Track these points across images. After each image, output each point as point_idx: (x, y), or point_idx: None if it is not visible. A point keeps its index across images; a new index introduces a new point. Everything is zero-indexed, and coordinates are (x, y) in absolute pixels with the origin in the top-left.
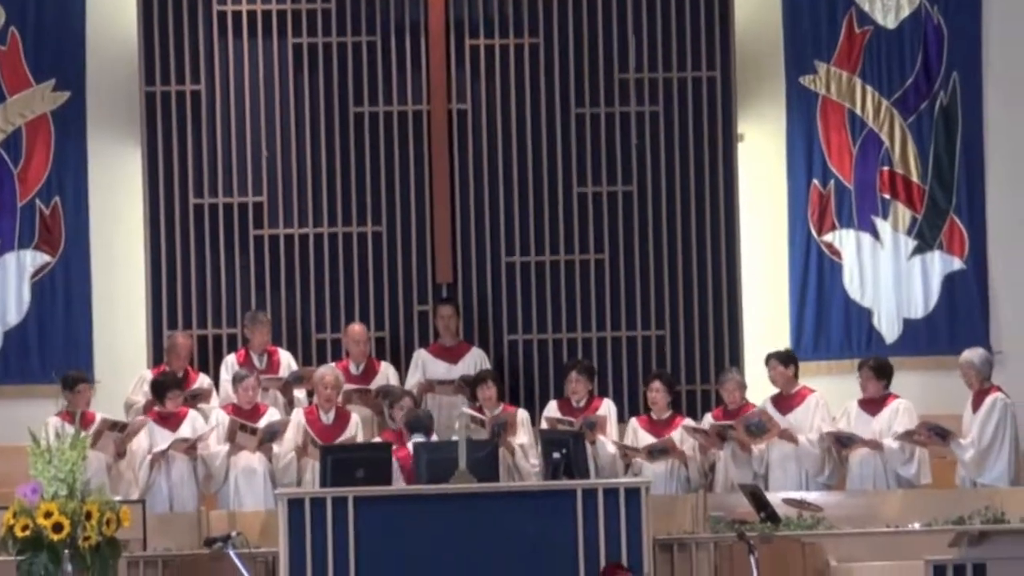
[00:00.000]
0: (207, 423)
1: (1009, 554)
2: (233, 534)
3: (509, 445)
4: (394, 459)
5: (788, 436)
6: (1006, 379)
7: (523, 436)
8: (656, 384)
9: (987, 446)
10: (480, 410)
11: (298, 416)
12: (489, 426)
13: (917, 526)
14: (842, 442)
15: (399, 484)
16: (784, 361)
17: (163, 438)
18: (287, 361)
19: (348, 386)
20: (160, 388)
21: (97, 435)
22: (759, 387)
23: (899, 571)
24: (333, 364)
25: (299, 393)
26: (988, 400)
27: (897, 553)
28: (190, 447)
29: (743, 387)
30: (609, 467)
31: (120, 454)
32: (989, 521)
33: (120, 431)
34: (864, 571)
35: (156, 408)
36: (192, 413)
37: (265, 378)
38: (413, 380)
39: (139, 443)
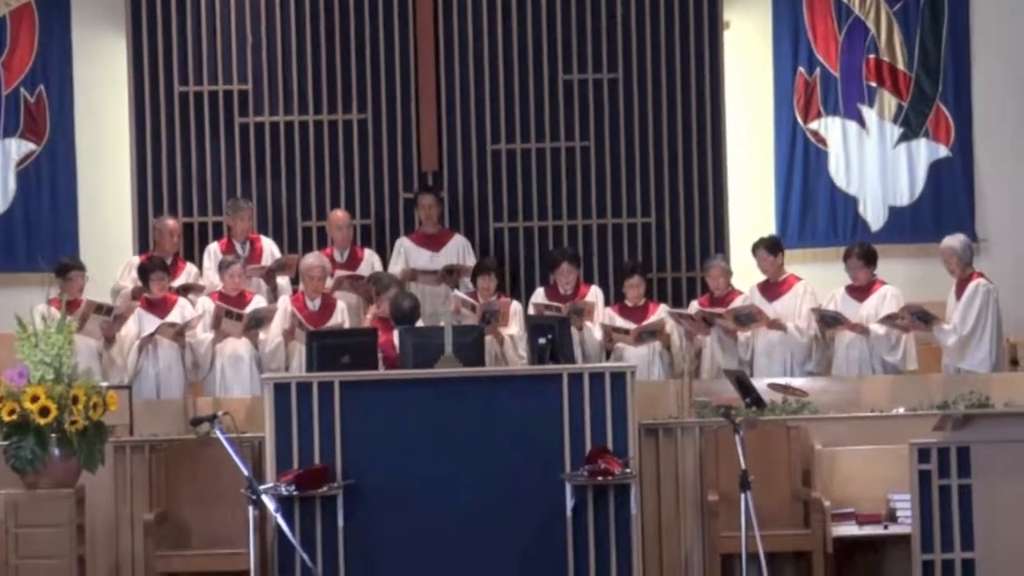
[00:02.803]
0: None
1: (992, 437)
2: (219, 414)
3: (498, 335)
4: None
5: (777, 325)
6: (990, 266)
7: (514, 327)
8: (634, 280)
9: (969, 332)
10: (474, 296)
11: (284, 303)
12: (479, 312)
13: (902, 411)
14: (827, 321)
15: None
16: (771, 249)
17: (151, 324)
18: (270, 249)
19: (340, 272)
20: (145, 270)
21: (83, 318)
22: (744, 274)
23: (884, 455)
24: (320, 253)
25: (282, 280)
26: (970, 286)
27: (882, 437)
28: (178, 333)
29: (728, 274)
30: (596, 353)
31: (110, 340)
32: (973, 406)
33: (106, 314)
34: (849, 455)
35: (144, 295)
36: (181, 300)
37: (249, 267)
38: (396, 268)
39: (128, 329)
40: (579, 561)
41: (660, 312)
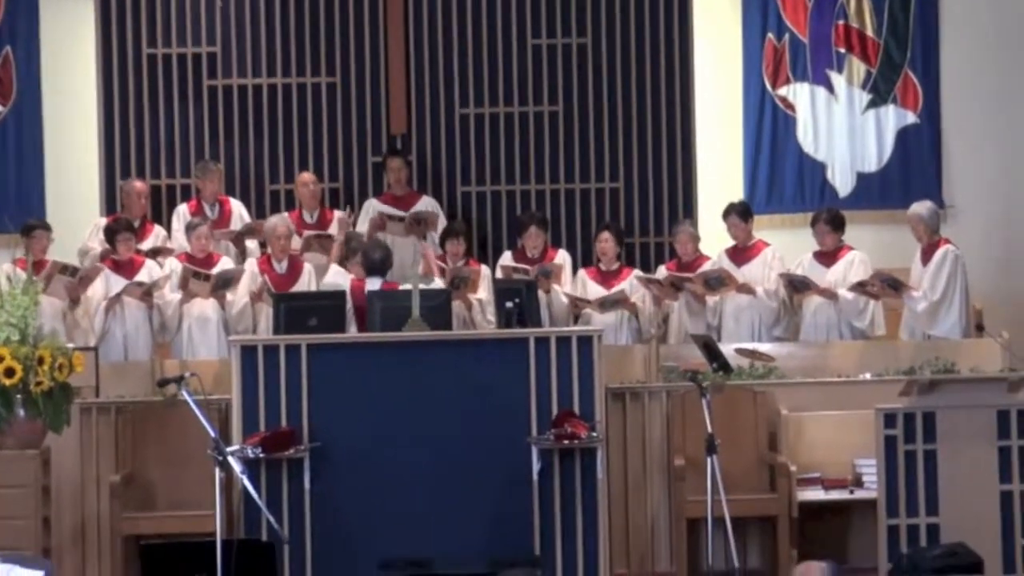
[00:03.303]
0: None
1: (958, 403)
2: (187, 375)
3: (467, 300)
4: (351, 302)
5: (746, 289)
6: (958, 233)
7: (483, 292)
8: (605, 235)
9: (939, 298)
10: (443, 260)
11: (252, 265)
12: (449, 278)
13: (868, 376)
14: (796, 286)
15: (352, 326)
16: (742, 215)
17: (118, 285)
18: (239, 211)
19: (308, 232)
20: (111, 233)
21: (48, 278)
22: (712, 240)
23: (850, 420)
24: (285, 214)
25: (251, 244)
26: (939, 252)
27: (848, 402)
28: (145, 293)
29: (696, 239)
30: (563, 317)
31: (75, 301)
32: (940, 371)
33: (71, 275)
34: (815, 420)
35: (111, 256)
36: (149, 262)
37: (217, 231)
38: (363, 228)
39: (95, 290)
40: (545, 524)
41: (630, 279)
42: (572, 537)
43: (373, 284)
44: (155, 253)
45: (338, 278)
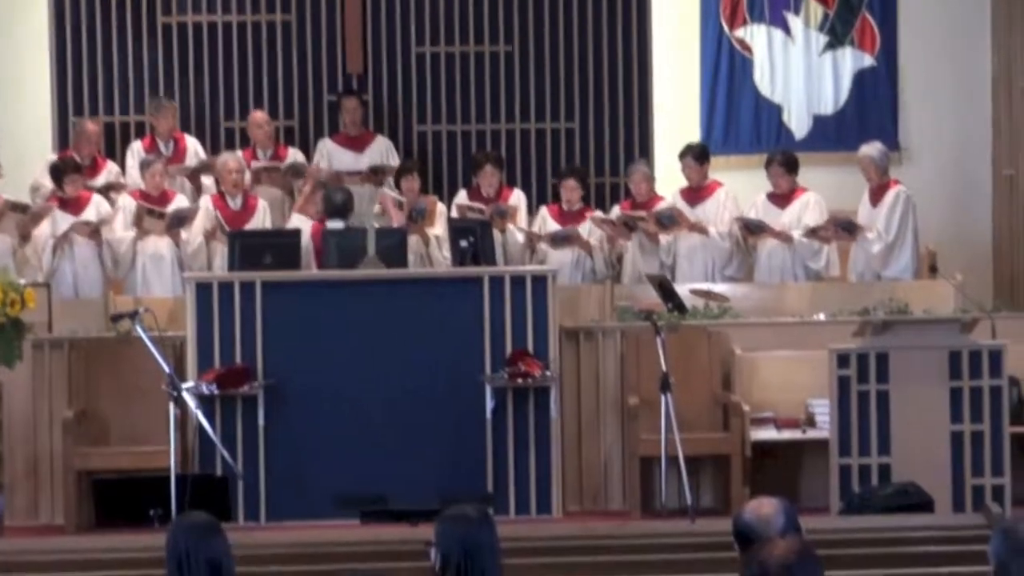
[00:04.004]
0: (113, 208)
1: (911, 344)
2: (140, 311)
3: (425, 234)
4: (309, 240)
5: (699, 228)
6: (912, 176)
7: (439, 227)
8: (571, 183)
9: (893, 239)
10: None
11: (206, 203)
12: (406, 211)
13: (822, 317)
14: (750, 229)
15: (311, 264)
16: (699, 157)
17: (66, 223)
18: (194, 148)
19: (256, 163)
20: (58, 172)
21: None
22: (668, 180)
23: (803, 360)
24: (237, 151)
25: (207, 180)
26: (891, 193)
27: (802, 343)
28: (93, 231)
29: (650, 179)
30: (518, 256)
31: (25, 238)
32: (893, 312)
33: (22, 212)
34: (769, 360)
35: (58, 194)
36: (96, 198)
37: (172, 167)
38: (322, 166)
39: (41, 229)
40: (498, 463)
41: (589, 218)
42: (525, 475)
43: (334, 225)
44: (108, 189)
45: (301, 225)
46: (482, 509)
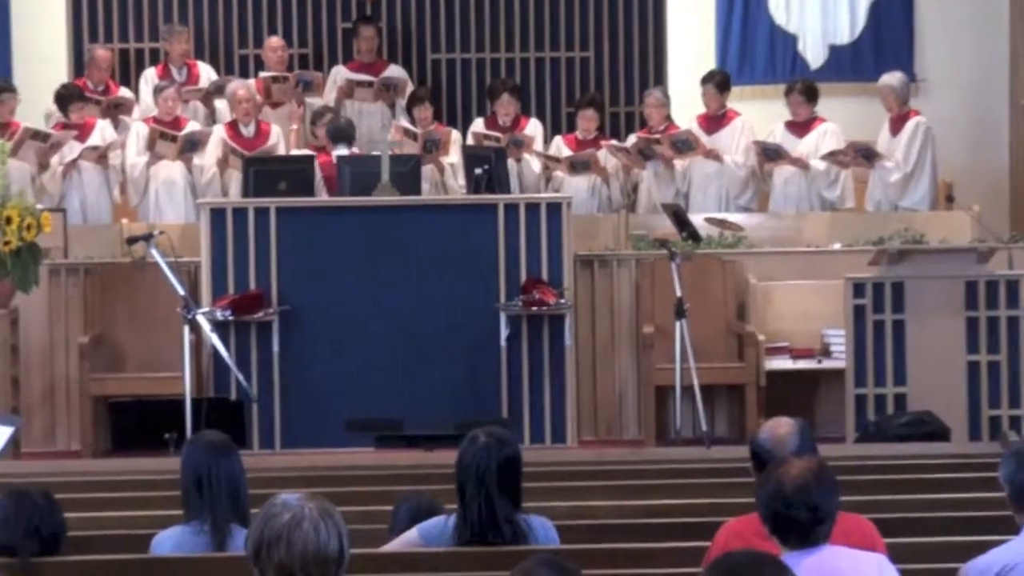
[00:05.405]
0: (125, 132)
1: (927, 273)
2: (155, 234)
3: (439, 163)
4: (318, 171)
5: (714, 155)
6: (929, 106)
7: (454, 155)
8: (590, 112)
9: (912, 169)
10: (413, 126)
11: (219, 131)
12: (420, 141)
13: (838, 246)
14: (768, 155)
15: (322, 195)
16: (720, 86)
17: (72, 149)
18: (207, 74)
19: (265, 74)
20: (63, 100)
21: (19, 143)
22: (682, 109)
23: (818, 290)
24: (250, 80)
25: (220, 104)
26: (910, 123)
27: (817, 273)
28: (101, 156)
29: (664, 105)
30: (533, 187)
31: (43, 166)
32: (909, 242)
33: (43, 140)
34: (784, 289)
35: (62, 121)
36: (101, 122)
37: (186, 89)
38: (330, 97)
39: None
40: (513, 390)
41: (604, 147)
42: (540, 403)
43: (341, 151)
44: (115, 107)
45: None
46: (502, 429)
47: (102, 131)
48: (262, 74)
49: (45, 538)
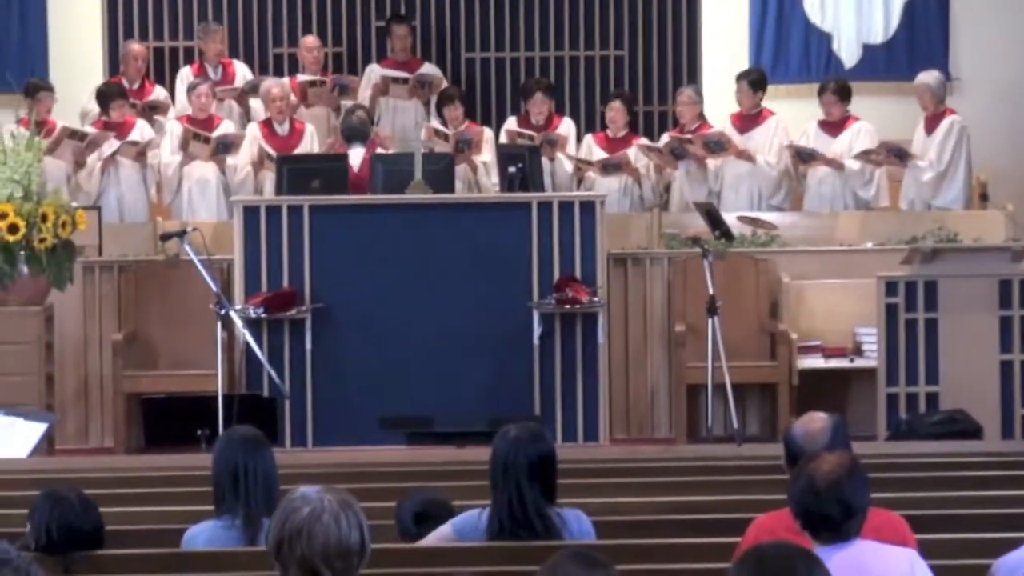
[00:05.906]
0: (161, 132)
1: (960, 272)
2: (189, 230)
3: (472, 162)
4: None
5: (746, 155)
6: (963, 106)
7: (487, 154)
8: (616, 104)
9: (945, 168)
10: (444, 126)
11: (252, 130)
12: (453, 141)
13: (871, 245)
14: (802, 157)
15: None
16: (755, 84)
17: (112, 146)
18: (242, 73)
19: (302, 77)
20: (104, 97)
21: (56, 142)
22: (716, 110)
23: (851, 288)
24: (285, 79)
25: (255, 103)
26: (945, 122)
27: (850, 271)
28: (139, 153)
29: (697, 103)
30: (566, 186)
31: (80, 164)
32: (942, 241)
33: (80, 140)
34: (816, 288)
35: (103, 119)
36: (140, 122)
37: (221, 89)
38: (365, 95)
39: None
40: (545, 388)
41: (636, 146)
42: (572, 402)
43: (355, 152)
44: (152, 108)
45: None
46: (536, 425)
47: (141, 130)
48: (299, 77)
49: (88, 534)
